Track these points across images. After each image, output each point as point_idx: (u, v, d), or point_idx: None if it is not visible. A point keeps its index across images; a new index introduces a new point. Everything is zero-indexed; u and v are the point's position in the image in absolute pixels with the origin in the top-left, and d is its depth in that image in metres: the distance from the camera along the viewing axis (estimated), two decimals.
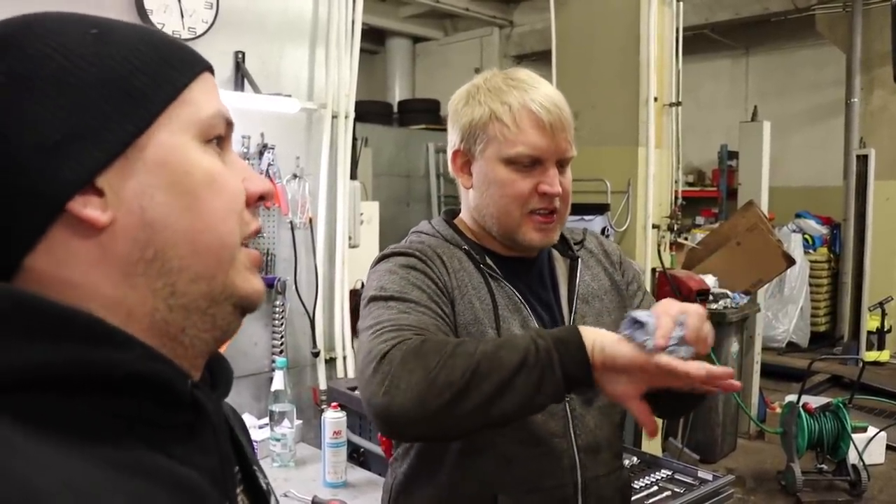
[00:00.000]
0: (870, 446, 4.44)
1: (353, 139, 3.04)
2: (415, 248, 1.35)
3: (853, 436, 4.32)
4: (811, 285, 7.55)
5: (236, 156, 0.67)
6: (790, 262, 5.26)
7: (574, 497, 1.34)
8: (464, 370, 1.06)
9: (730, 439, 5.15)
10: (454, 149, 1.40)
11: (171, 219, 0.59)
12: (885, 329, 6.98)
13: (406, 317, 1.20)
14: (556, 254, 1.48)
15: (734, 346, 5.04)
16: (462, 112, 1.37)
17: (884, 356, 6.84)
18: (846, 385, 6.17)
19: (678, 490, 2.29)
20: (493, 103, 1.33)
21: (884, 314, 6.91)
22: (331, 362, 2.98)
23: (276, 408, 2.42)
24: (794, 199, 8.05)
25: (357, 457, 2.60)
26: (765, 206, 5.48)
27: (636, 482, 2.32)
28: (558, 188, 1.32)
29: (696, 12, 7.25)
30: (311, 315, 2.87)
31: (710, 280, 4.83)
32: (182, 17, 2.46)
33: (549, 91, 1.35)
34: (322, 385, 2.89)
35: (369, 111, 7.62)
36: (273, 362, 2.62)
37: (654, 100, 4.42)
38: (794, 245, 7.14)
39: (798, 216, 7.87)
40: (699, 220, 8.39)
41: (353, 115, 2.98)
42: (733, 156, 7.48)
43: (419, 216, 1.52)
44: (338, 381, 2.94)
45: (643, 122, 4.43)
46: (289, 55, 2.82)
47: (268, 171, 2.64)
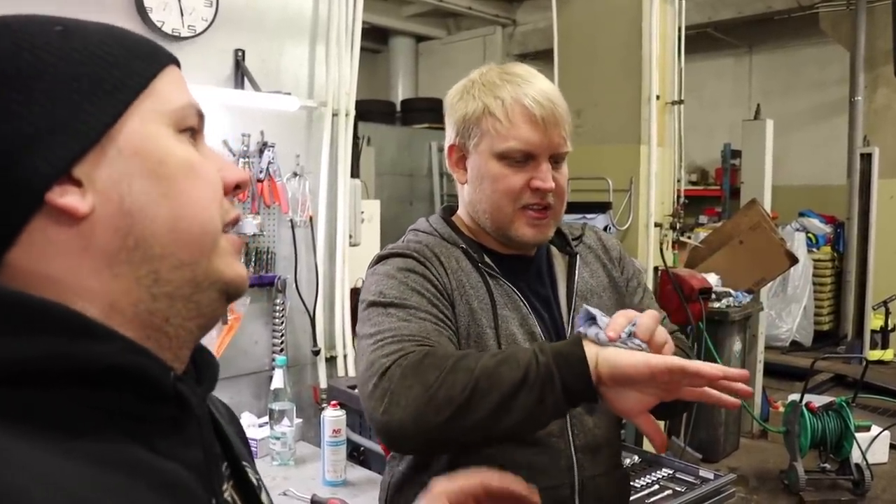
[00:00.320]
0: (873, 445, 4.42)
1: (355, 137, 3.03)
2: (412, 248, 1.35)
3: (857, 435, 4.30)
4: (814, 284, 7.53)
5: (210, 147, 0.67)
6: (793, 260, 5.24)
7: (571, 497, 1.33)
8: (463, 387, 1.06)
9: (732, 438, 5.13)
10: (450, 143, 1.40)
11: (150, 206, 0.59)
12: (889, 328, 6.96)
13: (407, 325, 1.20)
14: (554, 250, 1.47)
15: (737, 345, 5.03)
16: (456, 106, 1.36)
17: (887, 355, 6.82)
18: (850, 384, 6.14)
19: (679, 489, 2.28)
20: (487, 98, 1.32)
21: (887, 313, 6.90)
22: (331, 361, 2.97)
23: (276, 406, 2.42)
24: (798, 197, 8.03)
25: (357, 455, 2.60)
26: (768, 205, 5.47)
27: (637, 481, 2.31)
28: (551, 183, 1.31)
29: (698, 11, 7.23)
30: (311, 313, 2.87)
31: (712, 279, 4.82)
32: (182, 15, 2.45)
33: (543, 86, 1.33)
34: (322, 383, 2.88)
35: (372, 110, 7.62)
36: (273, 361, 2.62)
37: (657, 98, 4.41)
38: (798, 244, 7.12)
39: (801, 215, 7.85)
40: (702, 219, 8.38)
41: (353, 113, 2.97)
42: (736, 154, 7.47)
43: (422, 215, 1.51)
44: (338, 379, 2.93)
45: (645, 120, 4.42)
46: (289, 53, 2.81)
47: (268, 168, 2.64)
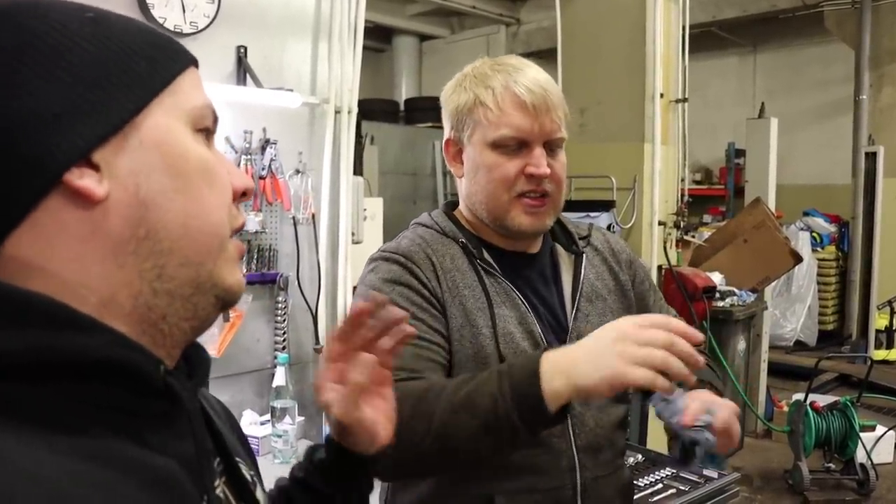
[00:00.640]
0: (878, 445, 4.41)
1: (358, 135, 3.02)
2: (403, 250, 1.33)
3: (861, 434, 4.29)
4: (819, 283, 7.50)
5: (220, 152, 0.68)
6: (797, 259, 5.22)
7: (573, 498, 1.32)
8: (423, 435, 1.10)
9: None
10: (446, 138, 1.40)
11: (165, 199, 0.59)
12: (894, 328, 6.93)
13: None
14: (560, 249, 1.45)
15: (741, 345, 5.01)
16: (451, 100, 1.37)
17: (892, 355, 6.80)
18: (854, 384, 6.13)
19: (683, 488, 2.27)
20: (478, 88, 1.32)
21: (892, 312, 6.87)
22: None
23: (278, 404, 2.41)
24: (802, 196, 8.00)
25: None
26: (772, 204, 5.45)
27: (640, 480, 2.30)
28: (545, 169, 1.30)
29: (702, 9, 7.21)
30: (313, 311, 2.86)
31: (716, 277, 4.80)
32: (183, 11, 2.44)
33: (534, 74, 1.33)
34: None
35: (376, 109, 7.61)
36: (275, 358, 2.61)
37: (661, 96, 4.39)
38: (802, 243, 7.10)
39: (806, 214, 7.83)
40: (706, 217, 8.36)
41: (356, 110, 2.96)
42: (741, 153, 7.45)
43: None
44: None
45: (649, 119, 4.41)
46: (291, 49, 2.80)
47: (270, 165, 2.63)
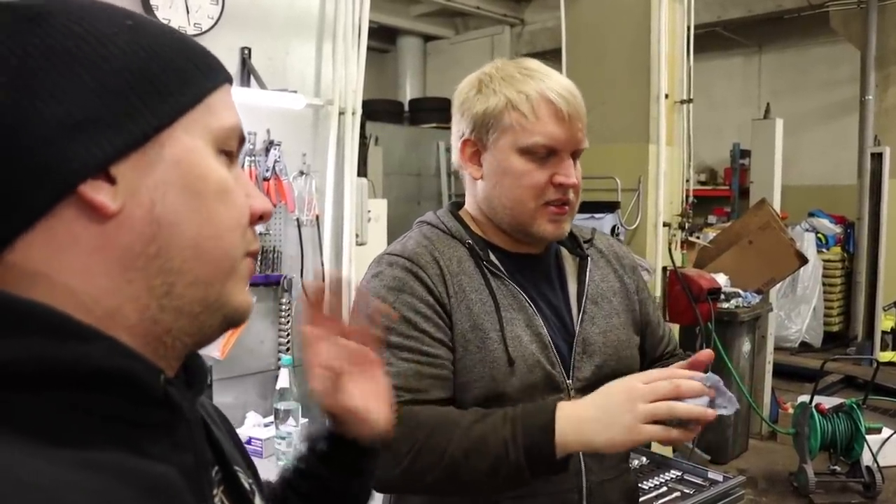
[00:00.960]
0: (884, 448, 4.38)
1: (362, 136, 3.02)
2: (409, 253, 1.32)
3: (867, 437, 4.26)
4: (824, 285, 7.48)
5: (242, 172, 0.67)
6: (803, 260, 5.20)
7: (579, 502, 1.32)
8: (432, 469, 1.16)
9: (741, 440, 5.10)
10: (463, 138, 1.36)
11: (180, 219, 0.58)
12: None
13: (388, 370, 1.21)
14: (564, 252, 1.45)
15: (746, 346, 5.00)
16: (474, 100, 1.33)
17: None
18: (860, 386, 6.10)
19: (688, 491, 2.26)
20: (509, 92, 1.29)
21: None
22: None
23: (282, 406, 2.41)
24: (808, 197, 7.98)
25: None
26: (777, 205, 5.43)
27: (645, 483, 2.29)
28: (574, 179, 1.30)
29: (707, 10, 7.19)
30: None
31: (721, 279, 4.79)
32: (188, 12, 2.44)
33: (563, 80, 1.32)
34: None
35: (380, 110, 7.62)
36: (279, 360, 2.61)
37: (665, 97, 4.38)
38: (808, 244, 7.07)
39: (811, 215, 7.80)
40: (711, 218, 8.35)
41: (360, 111, 2.95)
42: (746, 154, 7.43)
43: None
44: None
45: (654, 120, 4.39)
46: (295, 51, 2.80)
47: (274, 167, 2.63)
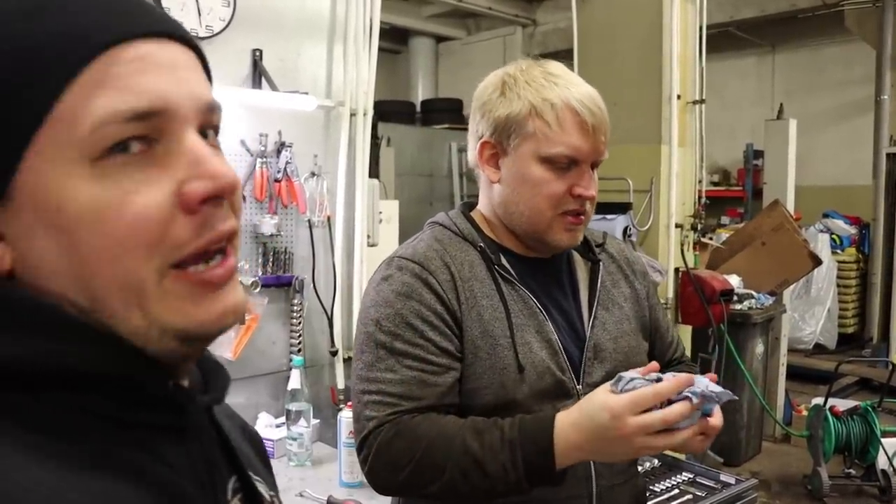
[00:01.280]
0: None
1: (373, 137, 3.02)
2: (420, 258, 1.31)
3: (882, 440, 4.22)
4: (839, 286, 7.43)
5: (183, 150, 0.54)
6: (817, 262, 5.17)
7: None
8: (431, 480, 1.18)
9: (754, 442, 5.07)
10: (482, 140, 1.34)
11: (53, 263, 0.52)
12: None
13: (392, 378, 1.24)
14: (576, 256, 1.44)
15: (759, 348, 4.97)
16: (497, 103, 1.31)
17: None
18: (875, 388, 6.05)
19: (700, 493, 2.25)
20: (534, 97, 1.27)
21: None
22: (349, 362, 2.95)
23: (293, 407, 2.41)
24: (822, 198, 7.93)
25: None
26: (791, 206, 5.40)
27: (657, 485, 2.29)
28: (593, 191, 1.30)
29: (720, 10, 7.16)
30: (329, 314, 2.86)
31: (734, 280, 4.77)
32: (199, 15, 2.45)
33: (589, 90, 1.31)
34: (340, 384, 2.87)
35: (392, 111, 7.63)
36: (290, 361, 2.61)
37: (678, 98, 4.36)
38: (822, 245, 7.03)
39: (826, 216, 7.75)
40: (724, 219, 8.31)
41: (371, 112, 2.96)
42: (759, 155, 7.39)
43: None
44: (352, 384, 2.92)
45: (666, 120, 4.37)
46: (306, 52, 2.80)
47: (285, 168, 2.63)
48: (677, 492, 2.26)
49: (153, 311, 0.53)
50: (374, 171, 3.08)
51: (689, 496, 2.23)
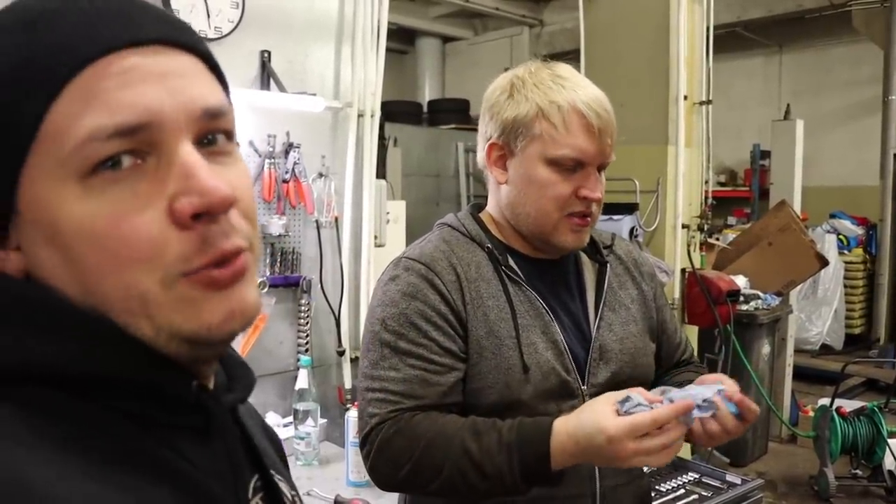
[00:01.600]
0: None
1: (380, 138, 3.03)
2: (427, 258, 1.33)
3: (889, 441, 4.22)
4: (846, 287, 7.41)
5: (174, 162, 0.53)
6: (823, 262, 5.16)
7: None
8: (430, 480, 1.21)
9: (760, 443, 5.07)
10: (490, 141, 1.35)
11: (58, 275, 0.53)
12: None
13: (395, 376, 1.26)
14: (584, 258, 1.45)
15: (765, 348, 4.97)
16: (505, 105, 1.32)
17: None
18: (882, 389, 6.04)
19: (706, 493, 2.26)
20: (541, 100, 1.29)
21: None
22: (356, 362, 2.97)
23: (301, 406, 2.43)
24: (829, 199, 7.91)
25: None
26: (797, 206, 5.40)
27: (663, 485, 2.29)
28: (599, 193, 1.31)
29: (728, 10, 7.15)
30: (336, 314, 2.87)
31: (740, 281, 4.77)
32: (208, 16, 2.47)
33: (597, 92, 1.32)
34: (347, 384, 2.88)
35: (399, 111, 7.64)
36: (298, 361, 2.62)
37: (685, 98, 4.36)
38: (829, 246, 7.01)
39: (833, 216, 7.73)
40: (731, 220, 8.29)
41: (378, 113, 2.97)
42: (766, 155, 7.38)
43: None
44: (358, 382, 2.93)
45: (673, 121, 4.38)
46: (315, 54, 2.82)
47: (293, 169, 2.65)
48: (683, 492, 2.27)
49: (159, 318, 0.53)
50: (381, 172, 3.09)
51: (695, 496, 2.24)
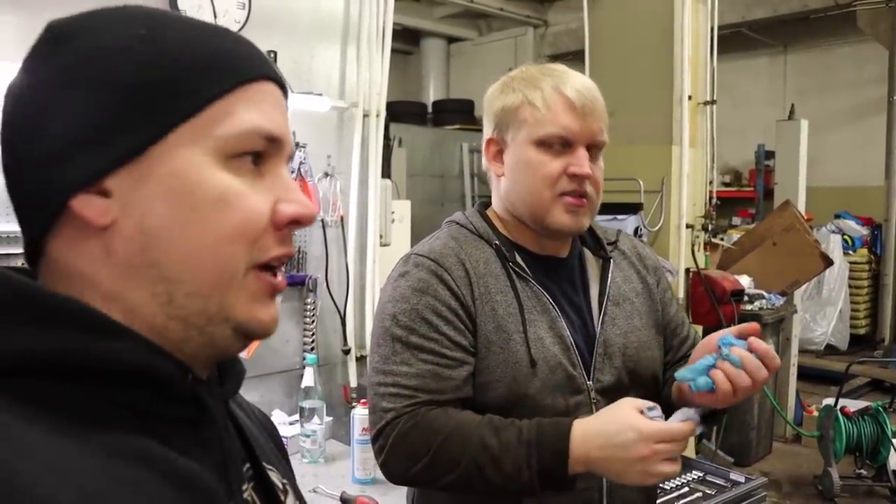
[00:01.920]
0: None
1: (386, 138, 3.05)
2: (436, 255, 1.35)
3: (894, 440, 4.22)
4: (851, 287, 7.40)
5: (281, 175, 0.64)
6: (828, 262, 5.16)
7: (599, 500, 1.34)
8: (446, 473, 1.22)
9: (765, 442, 5.07)
10: (488, 137, 1.41)
11: (169, 231, 0.58)
12: None
13: (407, 371, 1.27)
14: (587, 254, 1.47)
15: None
16: (496, 100, 1.38)
17: None
18: (887, 389, 6.05)
19: (710, 492, 2.26)
20: (526, 89, 1.34)
21: None
22: (361, 360, 2.99)
23: (307, 404, 2.44)
24: (834, 199, 7.91)
25: None
26: (802, 207, 5.40)
27: (667, 483, 2.30)
28: (587, 169, 1.32)
29: (732, 10, 7.16)
30: (341, 313, 2.89)
31: (745, 281, 4.77)
32: (215, 17, 2.48)
33: (583, 79, 1.36)
34: (352, 382, 2.90)
35: (404, 111, 7.66)
36: (304, 359, 2.64)
37: (689, 98, 4.37)
38: (833, 246, 7.01)
39: (837, 217, 7.73)
40: (735, 220, 8.30)
41: (384, 113, 2.98)
42: (770, 155, 7.38)
43: None
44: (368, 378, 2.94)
45: (677, 121, 4.38)
46: (320, 54, 2.83)
47: (299, 169, 2.66)
48: (687, 490, 2.28)
49: (229, 299, 0.61)
50: (386, 172, 3.11)
51: (699, 494, 2.25)
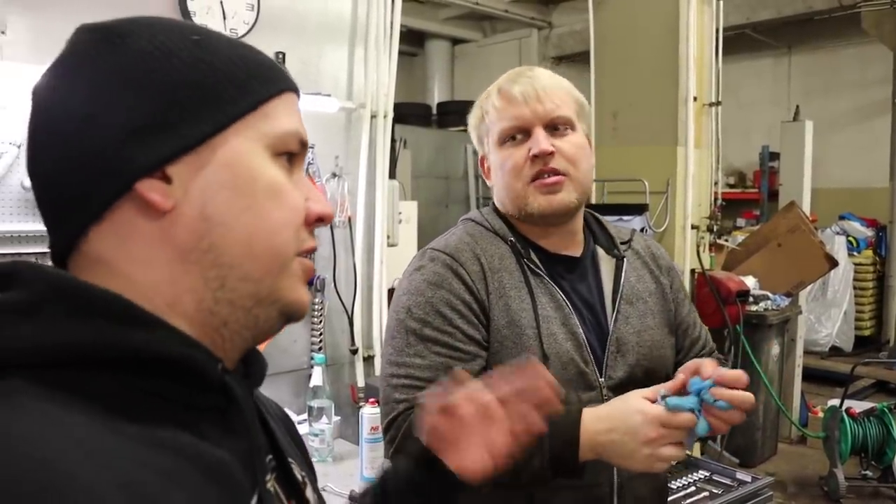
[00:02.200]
0: None
1: (392, 139, 3.06)
2: (451, 249, 1.37)
3: None
4: (855, 288, 7.40)
5: (304, 176, 0.71)
6: (833, 263, 5.16)
7: (610, 496, 1.35)
8: None
9: (770, 443, 5.08)
10: (480, 155, 1.49)
11: (229, 217, 0.63)
12: None
13: (420, 363, 1.28)
14: (601, 252, 1.48)
15: (775, 349, 4.98)
16: (470, 120, 1.48)
17: None
18: (892, 390, 6.05)
19: (716, 491, 2.27)
20: (483, 102, 1.43)
21: None
22: (369, 360, 3.00)
23: (315, 404, 2.45)
24: (838, 200, 7.90)
25: None
26: (807, 208, 5.40)
27: (674, 482, 2.31)
28: (545, 145, 1.34)
29: (737, 12, 7.16)
30: (349, 313, 2.90)
31: (750, 281, 4.77)
32: (224, 18, 2.50)
33: (537, 73, 1.41)
34: (360, 382, 2.91)
35: (408, 113, 7.66)
36: (312, 359, 2.65)
37: (694, 99, 4.38)
38: (838, 247, 7.01)
39: (842, 218, 7.72)
40: (740, 221, 8.29)
41: (391, 114, 3.00)
42: (775, 156, 7.38)
43: (458, 217, 1.55)
44: (375, 378, 2.96)
45: (682, 122, 4.40)
46: (328, 55, 2.85)
47: (307, 169, 2.68)
48: (694, 489, 2.29)
49: (280, 283, 0.66)
50: (393, 173, 3.13)
51: (706, 493, 2.26)
